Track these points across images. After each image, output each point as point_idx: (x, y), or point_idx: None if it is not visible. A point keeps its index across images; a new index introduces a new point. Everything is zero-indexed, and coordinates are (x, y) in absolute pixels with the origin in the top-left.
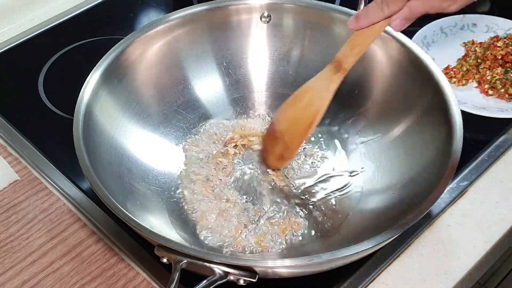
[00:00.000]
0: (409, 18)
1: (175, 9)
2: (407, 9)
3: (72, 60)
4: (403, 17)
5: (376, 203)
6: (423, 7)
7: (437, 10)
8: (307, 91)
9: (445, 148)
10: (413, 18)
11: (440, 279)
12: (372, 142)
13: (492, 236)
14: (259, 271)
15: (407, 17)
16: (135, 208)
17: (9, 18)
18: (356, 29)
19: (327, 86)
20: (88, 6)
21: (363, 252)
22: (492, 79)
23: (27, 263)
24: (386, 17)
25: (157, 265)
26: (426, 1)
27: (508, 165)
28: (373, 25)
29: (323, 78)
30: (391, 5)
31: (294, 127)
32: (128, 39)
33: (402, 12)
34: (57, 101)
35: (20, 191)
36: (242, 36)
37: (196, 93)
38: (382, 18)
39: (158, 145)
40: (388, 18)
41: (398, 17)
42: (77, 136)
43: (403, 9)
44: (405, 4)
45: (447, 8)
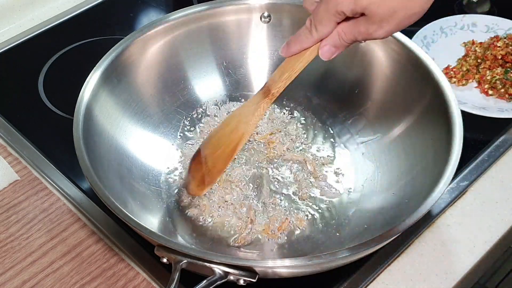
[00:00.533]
0: (338, 46)
1: (175, 9)
2: (336, 35)
3: (72, 60)
4: (332, 43)
5: (376, 203)
6: (351, 33)
7: (364, 35)
8: (234, 116)
9: (445, 148)
10: (342, 45)
11: (440, 279)
12: (372, 142)
13: (492, 236)
14: (259, 271)
15: (336, 43)
16: (135, 208)
17: (9, 18)
18: (288, 55)
19: (253, 111)
20: (88, 6)
21: (363, 252)
22: (492, 79)
23: (27, 263)
24: (316, 41)
25: (157, 265)
26: (354, 26)
27: (508, 165)
28: (303, 51)
29: (251, 103)
30: (319, 28)
31: (217, 152)
32: (128, 39)
33: (332, 38)
34: (57, 101)
35: (20, 191)
36: (242, 36)
37: (196, 93)
38: (312, 42)
39: (158, 145)
40: (317, 44)
41: (327, 43)
42: (77, 136)
43: (333, 35)
44: (333, 28)
45: (374, 33)
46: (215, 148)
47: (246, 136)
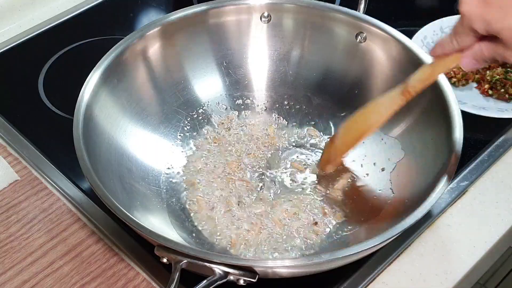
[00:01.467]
0: (479, 60)
1: (175, 9)
2: (479, 49)
3: (72, 60)
4: (474, 55)
5: (376, 203)
6: (490, 53)
7: (502, 58)
8: (371, 106)
9: (445, 148)
10: (483, 61)
11: (440, 279)
12: (372, 142)
13: (492, 236)
14: (259, 271)
15: (476, 58)
16: (135, 208)
17: (9, 18)
18: (433, 55)
19: (389, 105)
20: (88, 6)
21: (363, 252)
22: (492, 79)
23: (27, 263)
24: (456, 49)
25: (157, 265)
26: (494, 47)
27: (508, 165)
28: (446, 56)
29: (389, 97)
30: (459, 39)
31: (347, 135)
32: (128, 39)
33: (474, 50)
34: (57, 101)
35: (20, 191)
36: (242, 36)
37: (196, 93)
38: (452, 49)
39: (158, 145)
40: (459, 53)
41: (468, 56)
42: (77, 136)
43: (475, 49)
44: (472, 41)
45: (509, 57)
46: (346, 132)
47: (374, 127)
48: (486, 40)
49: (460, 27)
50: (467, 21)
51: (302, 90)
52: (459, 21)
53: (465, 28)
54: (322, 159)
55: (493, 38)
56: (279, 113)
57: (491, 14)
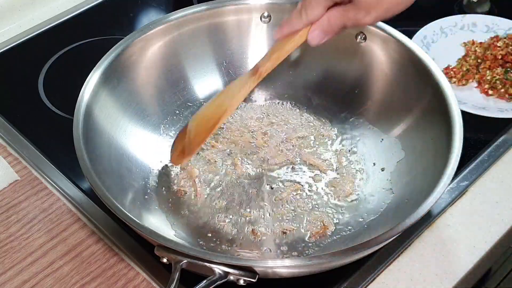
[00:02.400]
0: (327, 31)
1: (175, 9)
2: (326, 20)
3: (72, 60)
4: (322, 28)
5: (376, 203)
6: (340, 19)
7: (353, 22)
8: (222, 93)
9: (445, 148)
10: (332, 31)
11: (440, 279)
12: (372, 142)
13: (492, 236)
14: (259, 271)
15: (325, 29)
16: (135, 208)
17: (9, 18)
18: (279, 37)
19: (240, 88)
20: (88, 6)
21: (363, 252)
22: (492, 79)
23: (27, 263)
24: (305, 24)
25: (157, 265)
26: (343, 13)
27: (508, 165)
28: (294, 33)
29: (239, 81)
30: (309, 11)
31: (201, 125)
32: (128, 39)
33: (321, 23)
34: (57, 101)
35: (20, 191)
36: (242, 36)
37: (196, 93)
38: (302, 25)
39: (158, 145)
40: (307, 28)
41: (317, 28)
42: (77, 136)
43: (323, 20)
44: (323, 12)
45: (362, 19)
46: (199, 121)
47: (228, 111)
48: (333, 8)
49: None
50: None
51: (302, 90)
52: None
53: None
54: (175, 152)
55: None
56: (279, 113)
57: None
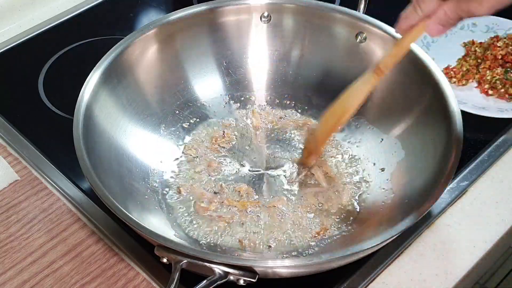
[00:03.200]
0: (445, 24)
1: (175, 9)
2: (442, 12)
3: (72, 60)
4: (439, 21)
5: (376, 203)
6: (455, 11)
7: (467, 13)
8: (345, 92)
9: (445, 148)
10: (449, 24)
11: (440, 279)
12: (372, 142)
13: (492, 236)
14: (259, 271)
15: (442, 21)
16: (135, 208)
17: (9, 18)
18: (399, 31)
19: (362, 86)
20: (88, 6)
21: (363, 252)
22: (492, 79)
23: (27, 263)
24: (421, 18)
25: (157, 265)
26: (457, 4)
27: (508, 165)
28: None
29: (362, 80)
30: (422, 5)
31: (324, 124)
32: (128, 39)
33: (438, 15)
34: (57, 101)
35: (20, 191)
36: (242, 36)
37: (196, 93)
38: (418, 19)
39: (158, 145)
40: (424, 22)
41: (435, 21)
42: (77, 136)
43: (439, 13)
44: (436, 6)
45: (475, 10)
46: (323, 121)
47: (350, 109)
48: (447, 1)
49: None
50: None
51: (302, 90)
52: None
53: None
54: (303, 153)
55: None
56: (279, 113)
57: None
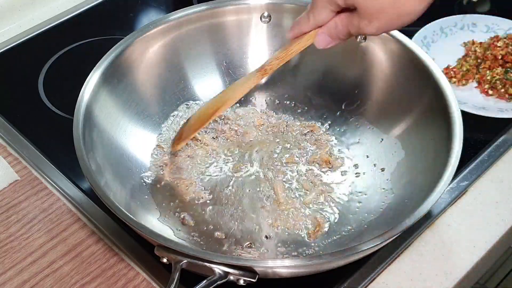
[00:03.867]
0: (333, 36)
1: (175, 9)
2: (333, 25)
3: (72, 60)
4: (328, 33)
5: (376, 203)
6: (346, 26)
7: (356, 29)
8: (228, 87)
9: (445, 148)
10: (337, 37)
11: (440, 279)
12: (372, 142)
13: (492, 236)
14: (259, 271)
15: (331, 34)
16: (135, 208)
17: (9, 18)
18: (290, 38)
19: (243, 82)
20: (88, 6)
21: (363, 252)
22: (492, 79)
23: (27, 263)
24: (312, 27)
25: (157, 265)
26: (349, 19)
27: (508, 165)
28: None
29: (245, 77)
30: (316, 14)
31: (202, 113)
32: (128, 39)
33: (328, 27)
34: (57, 101)
35: (20, 191)
36: (242, 36)
37: (196, 93)
38: (309, 27)
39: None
40: (314, 31)
41: (324, 32)
42: (77, 136)
43: (330, 25)
44: (329, 16)
45: (364, 28)
46: (202, 110)
47: (228, 103)
48: (341, 14)
49: (320, 1)
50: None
51: (302, 90)
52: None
53: (324, 0)
54: (176, 137)
55: (348, 11)
56: (279, 113)
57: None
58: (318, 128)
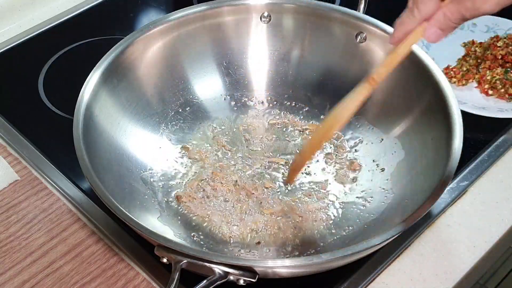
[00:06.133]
0: (445, 27)
1: (175, 9)
2: (441, 16)
3: (72, 60)
4: (438, 25)
5: (376, 203)
6: (458, 12)
7: (472, 11)
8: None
9: (445, 148)
10: (450, 27)
11: (440, 279)
12: (372, 142)
13: (492, 236)
14: (259, 271)
15: (442, 25)
16: (135, 208)
17: (9, 18)
18: (394, 43)
19: (353, 96)
20: (88, 6)
21: (363, 252)
22: (492, 79)
23: (27, 263)
24: (419, 22)
25: (157, 265)
26: (459, 3)
27: (508, 165)
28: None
29: (354, 91)
30: (421, 6)
31: (312, 138)
32: (128, 39)
33: (437, 20)
34: (57, 101)
35: (20, 191)
36: (242, 36)
37: (196, 93)
38: (415, 23)
39: (158, 145)
40: (421, 26)
41: (434, 25)
42: (77, 136)
43: (438, 17)
44: (436, 6)
45: (482, 7)
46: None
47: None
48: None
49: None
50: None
51: (302, 90)
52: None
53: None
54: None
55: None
56: (279, 113)
57: None
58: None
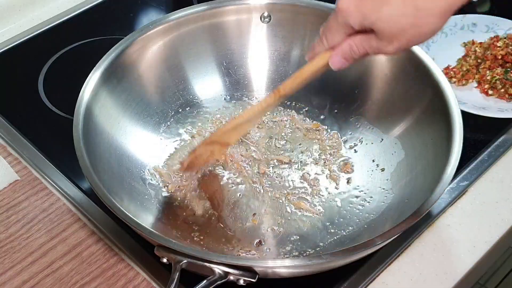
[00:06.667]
0: (348, 57)
1: (175, 9)
2: (347, 47)
3: (72, 60)
4: (342, 54)
5: (376, 203)
6: (362, 47)
7: (375, 50)
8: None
9: (445, 148)
10: (352, 58)
11: (440, 279)
12: (372, 142)
13: (492, 236)
14: (259, 271)
15: (346, 55)
16: (135, 208)
17: (9, 18)
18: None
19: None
20: (88, 6)
21: (363, 252)
22: (492, 79)
23: (27, 263)
24: (327, 49)
25: (157, 265)
26: (366, 40)
27: (508, 165)
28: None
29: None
30: (329, 36)
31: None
32: (128, 39)
33: (343, 49)
34: (57, 101)
35: (20, 191)
36: (242, 36)
37: (196, 93)
38: (323, 49)
39: (158, 145)
40: (327, 52)
41: (338, 53)
42: (77, 136)
43: (344, 47)
44: (342, 38)
45: (383, 49)
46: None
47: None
48: (356, 36)
49: (334, 23)
50: (343, 16)
51: (302, 90)
52: (333, 17)
53: (339, 24)
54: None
55: (365, 32)
56: (279, 113)
57: (367, 6)
58: (318, 128)
